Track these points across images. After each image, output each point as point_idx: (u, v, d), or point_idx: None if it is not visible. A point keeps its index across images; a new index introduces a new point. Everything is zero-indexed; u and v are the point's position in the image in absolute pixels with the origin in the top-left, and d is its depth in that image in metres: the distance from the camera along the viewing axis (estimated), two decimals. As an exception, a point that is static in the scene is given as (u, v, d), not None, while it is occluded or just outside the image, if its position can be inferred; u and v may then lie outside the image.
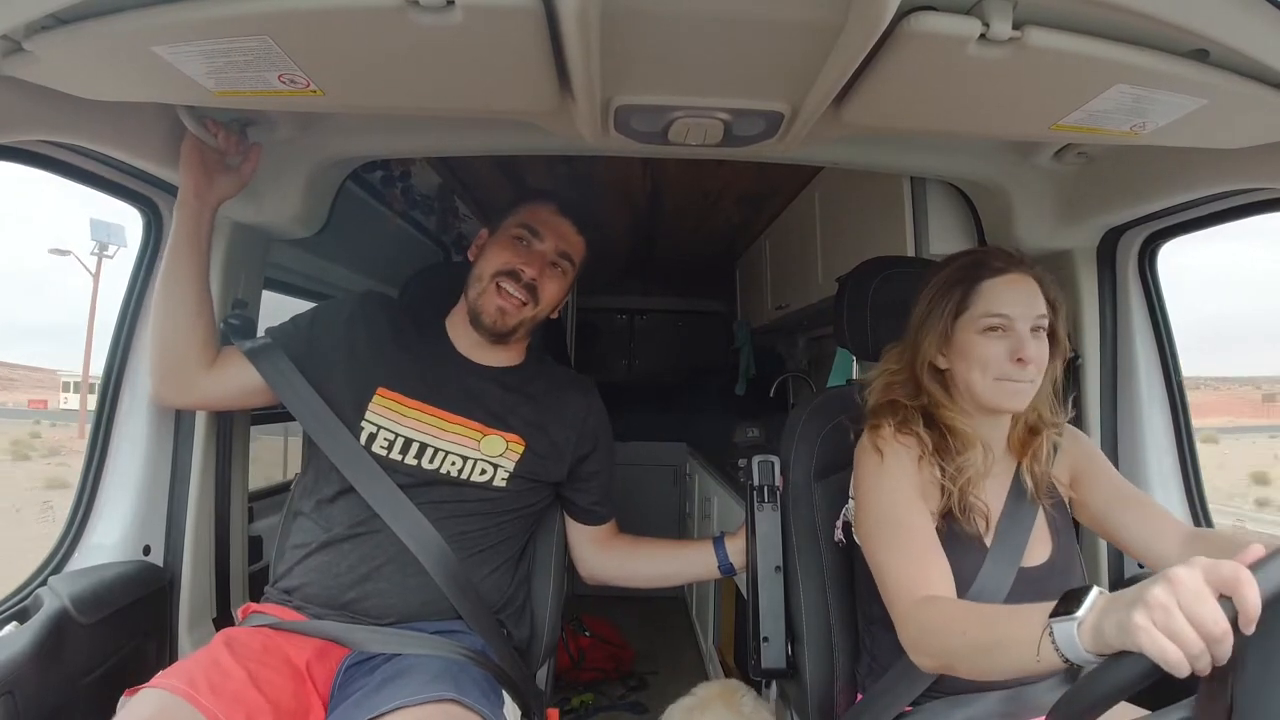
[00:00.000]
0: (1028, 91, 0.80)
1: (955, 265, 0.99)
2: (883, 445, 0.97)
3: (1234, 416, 20.35)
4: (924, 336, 0.98)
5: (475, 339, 1.20)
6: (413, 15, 0.66)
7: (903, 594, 0.86)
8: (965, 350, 0.95)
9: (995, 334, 0.94)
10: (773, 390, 3.16)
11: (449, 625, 1.10)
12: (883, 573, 0.91)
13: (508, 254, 1.17)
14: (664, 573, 1.34)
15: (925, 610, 0.83)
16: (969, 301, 0.95)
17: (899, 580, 0.87)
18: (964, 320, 0.95)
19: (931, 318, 0.97)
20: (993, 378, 0.94)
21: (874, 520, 0.95)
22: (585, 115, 0.93)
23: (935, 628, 0.80)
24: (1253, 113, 0.79)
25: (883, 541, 0.92)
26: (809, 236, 2.26)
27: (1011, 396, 0.94)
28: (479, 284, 1.17)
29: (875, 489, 0.96)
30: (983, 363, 0.94)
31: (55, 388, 6.12)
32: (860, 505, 0.99)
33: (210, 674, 0.91)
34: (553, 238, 1.19)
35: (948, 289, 0.97)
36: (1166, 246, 1.28)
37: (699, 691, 1.33)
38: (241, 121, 1.14)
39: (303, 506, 1.16)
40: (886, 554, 0.91)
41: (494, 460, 1.14)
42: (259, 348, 1.15)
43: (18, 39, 0.73)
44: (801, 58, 0.78)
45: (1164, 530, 0.97)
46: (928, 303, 0.99)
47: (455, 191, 2.42)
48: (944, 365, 0.99)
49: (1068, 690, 0.63)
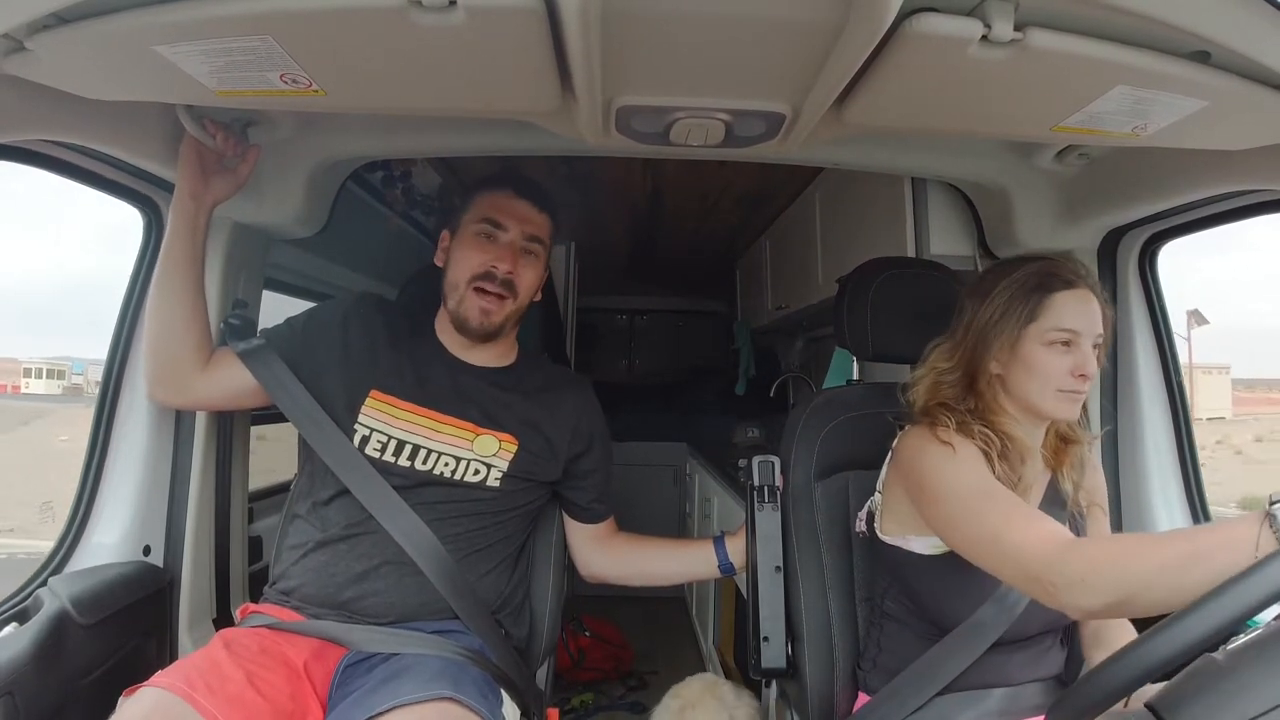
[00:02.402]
0: (1029, 93, 0.80)
1: (1026, 272, 0.96)
2: (949, 438, 0.94)
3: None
4: (991, 341, 0.96)
5: (464, 341, 1.20)
6: (415, 15, 0.66)
7: (1040, 547, 0.79)
8: (1029, 361, 0.94)
9: (1060, 348, 0.93)
10: (773, 390, 3.16)
11: (447, 625, 1.10)
12: (999, 539, 0.83)
13: (477, 255, 1.15)
14: (664, 571, 1.34)
15: (1085, 549, 0.78)
16: (1038, 313, 0.94)
17: (1026, 537, 0.81)
18: (1031, 330, 0.94)
19: (1001, 324, 0.95)
20: (1054, 389, 0.94)
21: (964, 497, 0.89)
22: (586, 116, 0.93)
23: (1108, 561, 0.74)
24: (1254, 114, 0.79)
25: (986, 512, 0.86)
26: (809, 237, 2.26)
27: (1069, 408, 0.95)
28: (456, 292, 1.16)
29: (955, 474, 0.91)
30: (1045, 375, 0.93)
31: (17, 373, 6.15)
32: (936, 493, 0.93)
33: (208, 674, 0.91)
34: (516, 224, 1.17)
35: (1020, 297, 0.95)
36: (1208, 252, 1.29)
37: (682, 692, 1.31)
38: (243, 121, 1.14)
39: (299, 508, 1.16)
40: (999, 520, 0.84)
41: (487, 460, 1.14)
42: (252, 349, 1.15)
43: (19, 38, 0.73)
44: (803, 59, 0.78)
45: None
46: (998, 308, 0.96)
47: (455, 191, 2.42)
48: (997, 371, 0.98)
49: (1068, 690, 0.63)
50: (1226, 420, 7.14)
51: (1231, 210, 1.12)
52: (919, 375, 1.03)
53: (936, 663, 0.97)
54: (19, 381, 5.71)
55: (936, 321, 1.07)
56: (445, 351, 1.21)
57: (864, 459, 1.15)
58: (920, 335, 1.07)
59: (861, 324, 1.21)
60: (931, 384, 1.01)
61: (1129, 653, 0.58)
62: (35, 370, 5.91)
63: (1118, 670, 0.59)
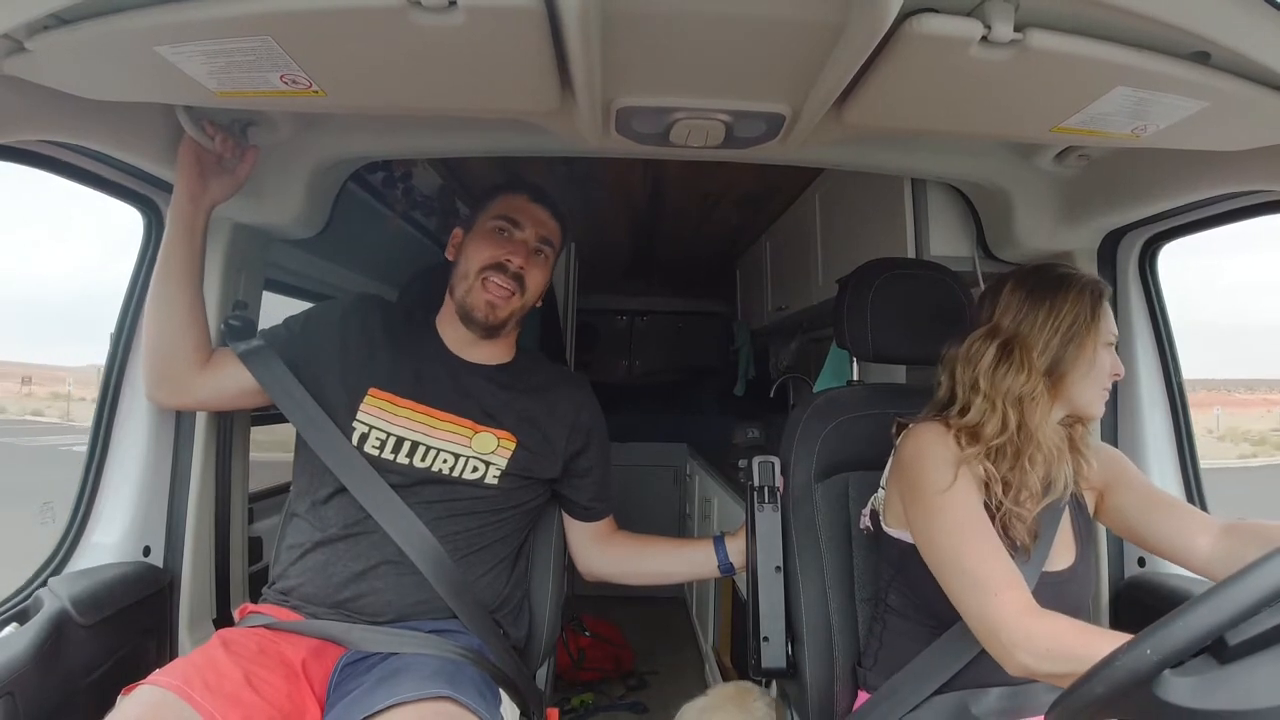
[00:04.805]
0: (1029, 94, 0.80)
1: (1084, 279, 0.99)
2: (955, 459, 0.95)
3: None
4: (1081, 344, 0.97)
5: (466, 336, 1.20)
6: (415, 16, 0.66)
7: (1012, 611, 0.83)
8: (1096, 363, 0.98)
9: (1108, 350, 1.00)
10: (773, 391, 3.16)
11: (446, 624, 1.10)
12: (976, 588, 0.87)
13: (491, 247, 1.17)
14: (664, 571, 1.34)
15: (1052, 623, 0.81)
16: (1098, 316, 0.99)
17: (1000, 600, 0.85)
18: (1094, 334, 0.98)
19: (1081, 326, 0.98)
20: (1100, 388, 1.00)
21: (950, 530, 0.92)
22: (586, 116, 0.93)
23: (1071, 638, 0.79)
24: (1253, 115, 0.79)
25: (968, 554, 0.90)
26: (809, 238, 2.26)
27: (1104, 404, 1.01)
28: (465, 281, 1.18)
29: (949, 498, 0.93)
30: (1100, 375, 0.99)
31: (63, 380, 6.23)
32: (926, 507, 0.95)
33: (206, 673, 0.91)
34: (532, 225, 1.20)
35: (1084, 304, 0.98)
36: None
37: (712, 692, 1.34)
38: (243, 122, 1.14)
39: (298, 508, 1.16)
40: (976, 567, 0.88)
41: (485, 458, 1.14)
42: (252, 350, 1.15)
43: (19, 38, 0.73)
44: (803, 59, 0.78)
45: (1192, 527, 0.99)
46: (1076, 311, 0.98)
47: (455, 192, 2.42)
48: (1065, 370, 0.99)
49: (1067, 689, 0.63)
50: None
51: (1231, 211, 1.12)
52: (975, 376, 0.99)
53: (937, 659, 0.97)
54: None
55: (937, 322, 1.07)
56: (445, 349, 1.21)
57: (864, 460, 1.16)
58: (921, 336, 1.07)
59: (861, 324, 1.21)
60: (1019, 403, 0.98)
61: (1129, 651, 0.58)
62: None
63: (1118, 669, 0.59)
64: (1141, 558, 1.29)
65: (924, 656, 0.99)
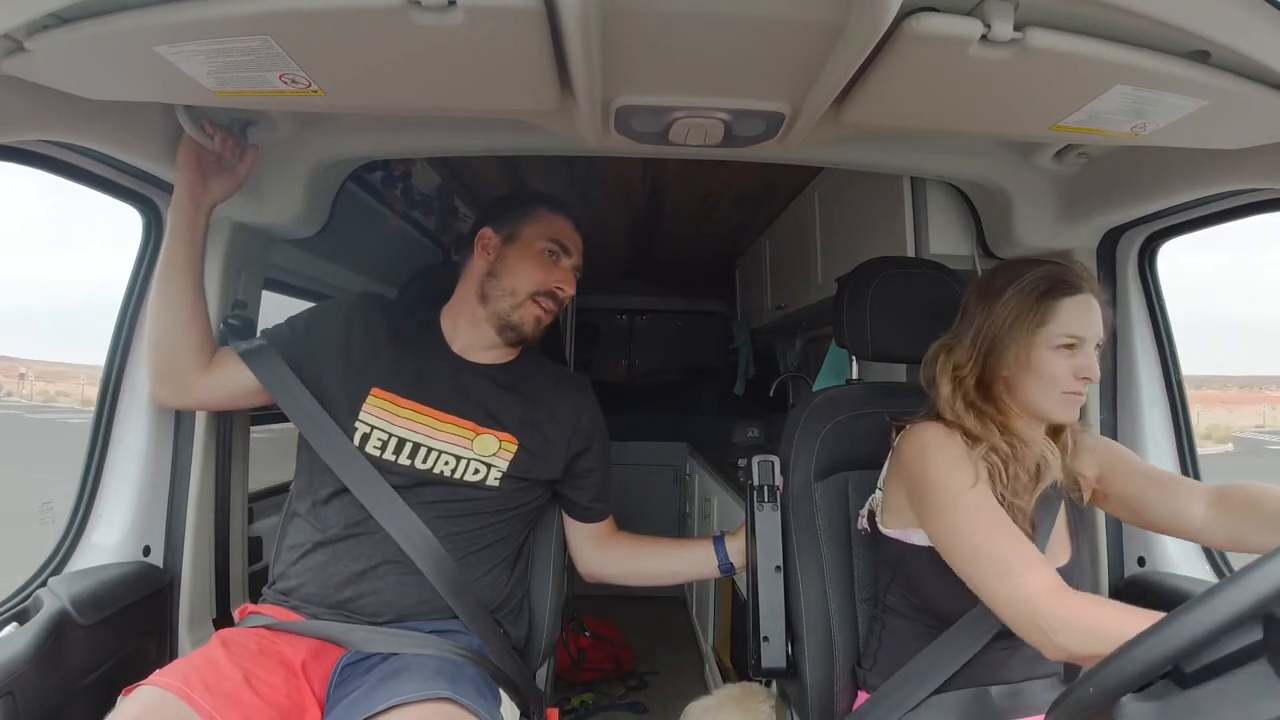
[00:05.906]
0: (1029, 92, 0.80)
1: (1034, 277, 0.97)
2: (959, 450, 0.96)
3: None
4: (1004, 348, 0.97)
5: (484, 340, 1.20)
6: (414, 15, 0.66)
7: (1043, 591, 0.83)
8: (1037, 365, 0.96)
9: (1065, 351, 0.96)
10: (772, 390, 3.16)
11: (446, 625, 1.10)
12: (1005, 577, 0.86)
13: (542, 271, 1.19)
14: (664, 571, 1.34)
15: (1082, 600, 0.82)
16: (1047, 318, 0.95)
17: (1028, 580, 0.84)
18: (1040, 336, 0.96)
19: (1013, 331, 0.96)
20: (1060, 392, 0.96)
21: (966, 525, 0.92)
22: (586, 116, 0.93)
23: (1100, 617, 0.78)
24: (1253, 113, 0.80)
25: (988, 542, 0.89)
26: (808, 237, 2.26)
27: (1071, 410, 0.97)
28: (512, 298, 1.18)
29: (961, 491, 0.93)
30: (1052, 379, 0.96)
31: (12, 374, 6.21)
32: (938, 505, 0.95)
33: (205, 674, 0.91)
34: (576, 254, 1.23)
35: (1030, 302, 0.96)
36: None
37: (718, 692, 1.34)
38: (242, 121, 1.14)
39: (298, 508, 1.16)
40: (1002, 552, 0.87)
41: (487, 460, 1.14)
42: (253, 349, 1.15)
43: (19, 38, 0.73)
44: (802, 58, 0.78)
45: (1187, 499, 0.99)
46: (1009, 314, 0.97)
47: (455, 191, 2.42)
48: (1006, 374, 0.99)
49: (1068, 688, 0.63)
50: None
51: (1231, 209, 1.12)
52: (933, 375, 1.03)
53: (937, 658, 0.97)
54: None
55: (936, 321, 1.07)
56: (448, 350, 1.21)
57: (864, 459, 1.16)
58: (920, 335, 1.07)
59: (861, 323, 1.21)
60: (952, 382, 1.00)
61: (1129, 651, 0.58)
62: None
63: (1118, 669, 0.59)
64: (1141, 557, 1.30)
65: (923, 656, 0.99)
